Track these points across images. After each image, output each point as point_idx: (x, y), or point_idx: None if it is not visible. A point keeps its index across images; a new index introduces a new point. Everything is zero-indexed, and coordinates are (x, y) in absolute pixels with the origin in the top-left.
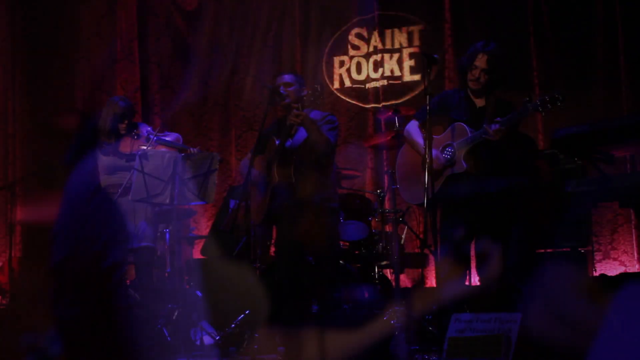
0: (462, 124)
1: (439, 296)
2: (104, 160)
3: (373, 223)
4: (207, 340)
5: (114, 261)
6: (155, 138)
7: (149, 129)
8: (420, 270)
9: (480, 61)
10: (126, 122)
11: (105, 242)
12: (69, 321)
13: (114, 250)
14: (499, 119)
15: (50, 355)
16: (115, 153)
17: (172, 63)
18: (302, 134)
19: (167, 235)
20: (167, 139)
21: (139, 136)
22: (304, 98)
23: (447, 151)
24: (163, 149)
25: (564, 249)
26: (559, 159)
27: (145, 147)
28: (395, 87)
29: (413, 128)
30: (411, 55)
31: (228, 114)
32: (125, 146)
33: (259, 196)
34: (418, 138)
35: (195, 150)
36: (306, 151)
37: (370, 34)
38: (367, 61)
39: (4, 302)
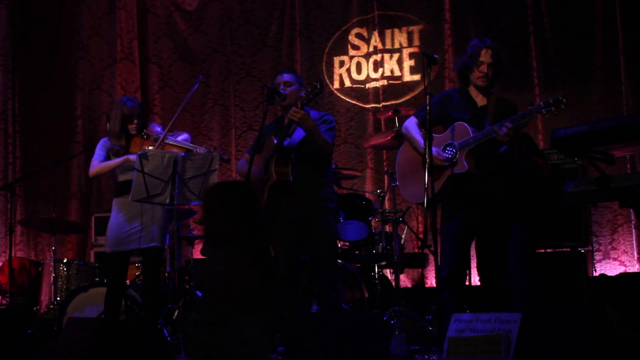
0: (464, 123)
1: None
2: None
3: (373, 223)
4: None
5: None
6: (164, 138)
7: (159, 129)
8: (420, 270)
9: (486, 56)
10: (136, 122)
11: None
12: None
13: None
14: (509, 119)
15: None
16: (126, 153)
17: (172, 63)
18: (300, 132)
19: (167, 235)
20: (177, 139)
21: (148, 136)
22: (304, 97)
23: (448, 150)
24: (174, 149)
25: (564, 249)
26: (556, 159)
27: (154, 147)
28: (395, 87)
29: (412, 125)
30: (411, 55)
31: (228, 114)
32: (135, 146)
33: (257, 195)
34: (417, 135)
35: (204, 150)
36: (304, 150)
37: (370, 34)
38: (367, 61)
39: (4, 302)
